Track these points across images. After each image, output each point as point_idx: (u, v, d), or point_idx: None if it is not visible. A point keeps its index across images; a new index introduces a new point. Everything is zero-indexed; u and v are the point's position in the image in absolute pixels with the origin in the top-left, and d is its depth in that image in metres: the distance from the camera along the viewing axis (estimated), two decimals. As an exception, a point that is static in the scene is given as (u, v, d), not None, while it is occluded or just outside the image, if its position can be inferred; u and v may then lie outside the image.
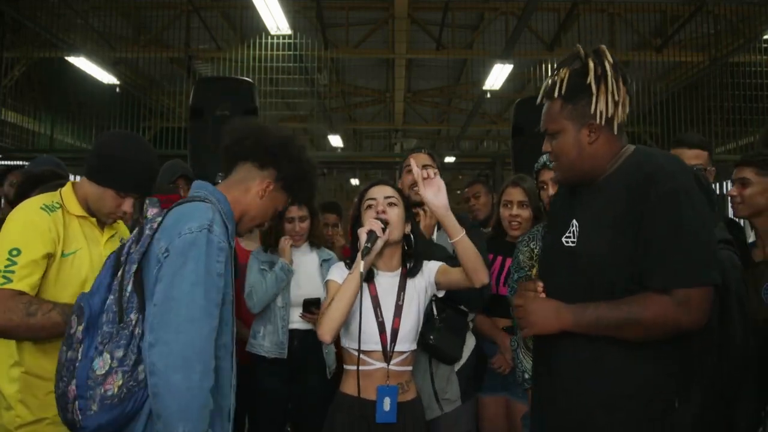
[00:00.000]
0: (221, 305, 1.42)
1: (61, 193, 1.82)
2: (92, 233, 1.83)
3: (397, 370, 1.84)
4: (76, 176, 2.80)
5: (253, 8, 6.39)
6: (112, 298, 1.39)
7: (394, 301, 1.87)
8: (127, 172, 1.77)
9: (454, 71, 10.56)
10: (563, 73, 1.47)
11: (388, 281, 1.91)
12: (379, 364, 1.83)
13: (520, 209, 2.54)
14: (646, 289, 1.38)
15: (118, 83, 8.32)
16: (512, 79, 8.09)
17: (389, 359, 1.83)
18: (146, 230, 1.44)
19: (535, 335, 1.64)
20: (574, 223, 1.52)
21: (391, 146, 13.60)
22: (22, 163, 5.07)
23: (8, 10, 7.52)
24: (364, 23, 8.66)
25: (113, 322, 1.36)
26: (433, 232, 2.28)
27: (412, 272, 1.92)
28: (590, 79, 1.43)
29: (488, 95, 8.98)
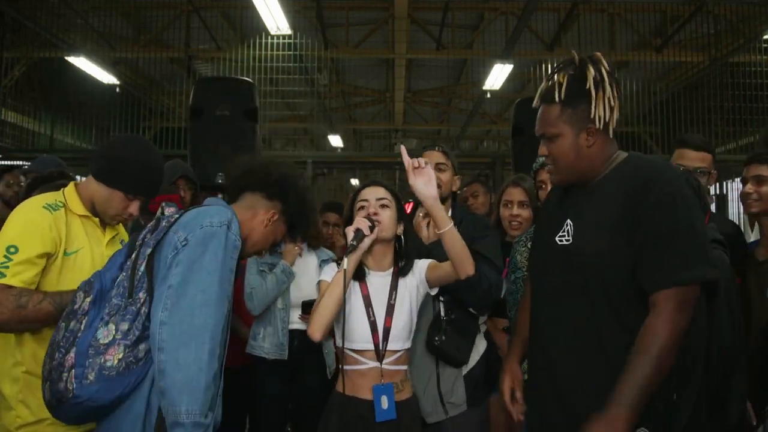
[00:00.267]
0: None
1: (64, 192, 1.84)
2: (94, 233, 1.85)
3: (390, 369, 1.85)
4: (76, 176, 2.81)
5: (253, 8, 6.39)
6: (123, 275, 1.45)
7: (386, 300, 1.89)
8: (136, 175, 1.80)
9: (454, 71, 10.55)
10: (561, 77, 1.49)
11: (379, 281, 1.93)
12: (372, 363, 1.84)
13: (520, 209, 2.55)
14: (642, 289, 1.40)
15: (118, 83, 8.32)
16: (512, 79, 8.09)
17: (382, 358, 1.84)
18: (163, 223, 1.51)
19: (532, 335, 1.65)
20: (568, 222, 1.55)
21: (391, 146, 13.61)
22: (21, 163, 5.07)
23: (8, 10, 7.51)
24: (364, 23, 8.65)
25: (122, 296, 1.42)
26: None
27: (403, 271, 1.94)
28: (589, 84, 1.46)
29: (488, 95, 8.99)
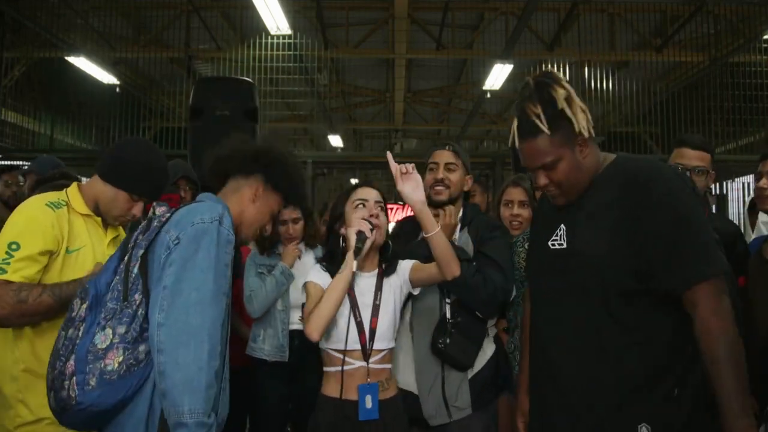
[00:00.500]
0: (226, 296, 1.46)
1: (66, 191, 1.86)
2: (96, 232, 1.87)
3: (376, 367, 1.88)
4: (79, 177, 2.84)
5: (253, 8, 6.39)
6: (117, 278, 1.43)
7: (371, 300, 1.91)
8: (144, 177, 1.84)
9: (454, 71, 10.55)
10: (534, 108, 1.47)
11: (365, 282, 1.95)
12: (358, 363, 1.86)
13: (520, 209, 2.55)
14: (658, 290, 1.41)
15: (118, 83, 8.32)
16: (512, 79, 8.07)
17: (368, 357, 1.87)
18: (154, 223, 1.49)
19: (532, 335, 1.65)
20: (561, 227, 1.56)
21: (391, 146, 13.61)
22: (21, 163, 5.07)
23: (8, 10, 7.51)
24: (364, 23, 8.65)
25: (118, 299, 1.40)
26: (454, 232, 2.18)
27: (387, 272, 1.96)
28: (561, 105, 1.45)
29: (488, 95, 8.98)
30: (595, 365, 1.47)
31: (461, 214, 2.23)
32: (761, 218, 3.08)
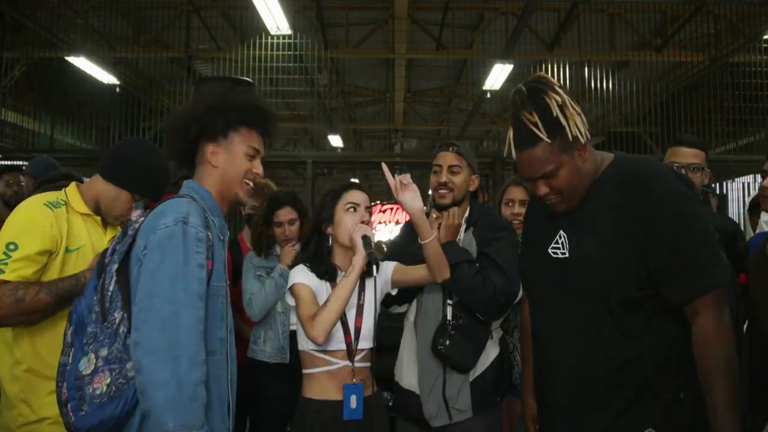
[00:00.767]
0: (216, 297, 1.44)
1: (66, 191, 1.87)
2: (96, 231, 1.88)
3: (360, 366, 1.90)
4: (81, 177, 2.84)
5: (253, 8, 6.39)
6: (95, 298, 1.41)
7: (355, 300, 1.93)
8: (145, 177, 1.86)
9: (454, 71, 10.54)
10: (530, 116, 1.41)
11: None
12: (343, 362, 1.88)
13: (521, 208, 2.55)
14: (640, 289, 1.40)
15: (118, 83, 8.31)
16: (512, 79, 8.05)
17: (353, 357, 1.88)
18: (129, 231, 1.45)
19: (532, 335, 1.64)
20: (561, 234, 1.53)
21: (391, 146, 13.60)
22: (21, 163, 5.06)
23: (8, 10, 7.50)
24: (364, 23, 8.65)
25: (96, 322, 1.38)
26: (458, 233, 2.16)
27: (369, 272, 1.96)
28: (556, 112, 1.40)
29: (488, 95, 8.97)
30: (595, 366, 1.46)
31: (467, 214, 2.21)
32: (763, 218, 3.07)
